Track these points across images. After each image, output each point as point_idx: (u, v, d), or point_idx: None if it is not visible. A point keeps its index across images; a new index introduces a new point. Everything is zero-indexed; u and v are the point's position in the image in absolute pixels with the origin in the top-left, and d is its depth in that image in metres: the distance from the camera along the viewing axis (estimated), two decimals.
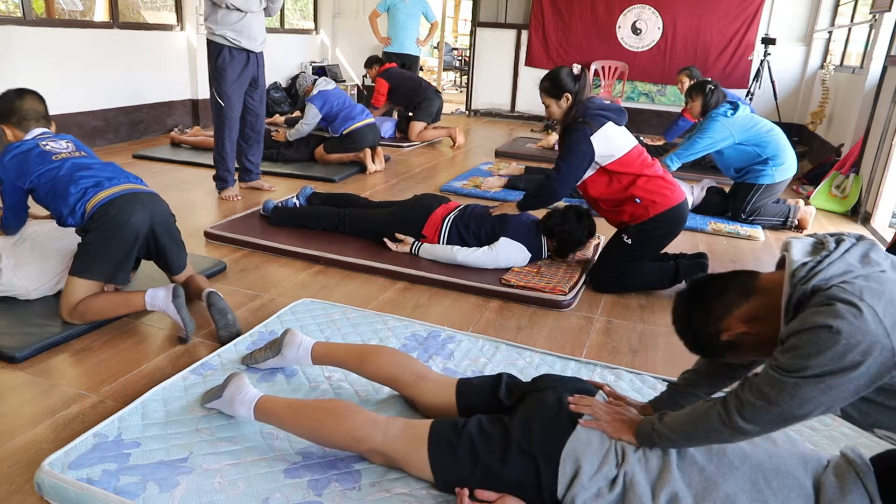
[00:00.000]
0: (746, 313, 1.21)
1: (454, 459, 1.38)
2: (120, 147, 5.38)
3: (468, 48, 9.09)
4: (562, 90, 2.77)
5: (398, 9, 6.75)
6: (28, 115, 2.36)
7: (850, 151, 4.67)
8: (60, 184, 2.19)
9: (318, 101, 4.85)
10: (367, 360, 1.73)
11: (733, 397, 1.16)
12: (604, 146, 2.66)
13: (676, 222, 2.72)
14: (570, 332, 2.42)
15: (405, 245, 3.00)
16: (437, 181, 4.71)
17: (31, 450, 1.58)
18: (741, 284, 1.24)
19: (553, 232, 2.91)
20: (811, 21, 7.00)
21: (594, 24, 7.57)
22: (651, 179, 2.69)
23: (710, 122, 3.80)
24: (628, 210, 2.71)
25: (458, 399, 1.60)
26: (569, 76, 2.77)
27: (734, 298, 1.23)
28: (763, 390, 1.10)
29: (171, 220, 2.36)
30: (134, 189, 2.27)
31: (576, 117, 2.71)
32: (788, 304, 1.13)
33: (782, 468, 1.23)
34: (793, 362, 1.05)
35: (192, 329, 2.16)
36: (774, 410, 1.09)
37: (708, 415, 1.20)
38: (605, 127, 2.66)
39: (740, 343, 1.23)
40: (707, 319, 1.25)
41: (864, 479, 1.17)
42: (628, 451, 1.31)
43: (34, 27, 4.71)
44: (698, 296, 1.30)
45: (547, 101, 2.83)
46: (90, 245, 2.17)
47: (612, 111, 2.74)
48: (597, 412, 1.38)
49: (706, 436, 1.22)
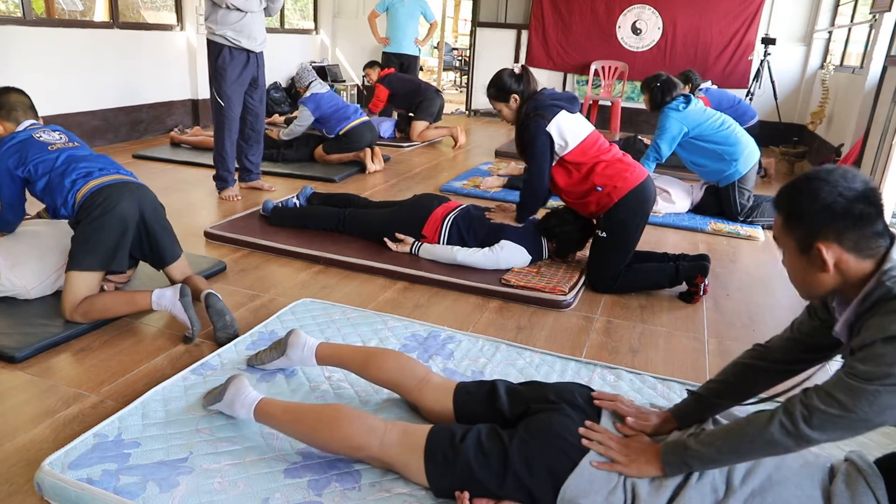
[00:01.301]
0: (841, 261, 1.15)
1: (450, 474, 1.37)
2: (120, 147, 5.37)
3: (468, 48, 9.09)
4: (508, 92, 2.82)
5: (397, 9, 6.75)
6: (16, 106, 2.41)
7: (850, 151, 4.67)
8: (56, 175, 2.24)
9: (311, 104, 4.89)
10: (370, 363, 1.72)
11: (798, 405, 1.13)
12: (559, 135, 2.69)
13: (642, 202, 2.72)
14: (570, 332, 2.42)
15: (405, 245, 3.00)
16: (437, 181, 4.71)
17: (31, 450, 1.58)
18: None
19: (552, 233, 2.91)
20: (811, 21, 7.00)
21: (594, 24, 7.57)
22: (609, 164, 2.70)
23: (664, 118, 3.91)
24: (593, 200, 2.72)
25: (455, 406, 1.59)
26: (511, 77, 2.83)
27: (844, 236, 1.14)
28: (837, 397, 1.09)
29: (161, 210, 2.38)
30: (122, 179, 2.30)
31: (527, 113, 2.75)
32: (869, 295, 1.12)
33: (791, 479, 1.23)
34: (875, 370, 1.05)
35: (198, 329, 2.17)
36: (850, 418, 1.08)
37: (765, 426, 1.16)
38: (557, 117, 2.70)
39: (810, 260, 1.17)
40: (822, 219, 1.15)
41: (875, 488, 1.17)
42: (639, 488, 1.27)
43: (34, 27, 4.71)
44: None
45: (498, 107, 2.90)
46: (81, 236, 2.19)
47: (564, 100, 2.77)
48: (610, 451, 1.32)
49: (762, 448, 1.18)
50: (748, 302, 2.79)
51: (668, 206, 4.05)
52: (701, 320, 2.58)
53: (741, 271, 3.19)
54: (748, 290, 2.94)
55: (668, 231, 3.79)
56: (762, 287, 2.99)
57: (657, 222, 3.87)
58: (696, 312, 2.65)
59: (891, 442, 1.68)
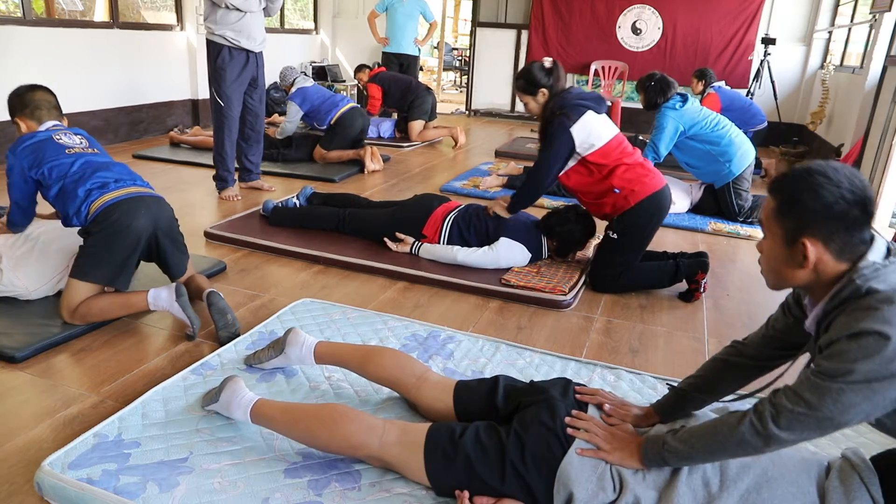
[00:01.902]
0: (821, 261, 1.14)
1: (450, 470, 1.37)
2: (120, 147, 5.38)
3: (468, 48, 9.09)
4: (537, 86, 2.76)
5: (396, 9, 6.75)
6: (40, 104, 2.36)
7: (850, 151, 4.67)
8: (70, 182, 2.19)
9: (298, 98, 4.94)
10: (369, 361, 1.72)
11: (767, 405, 1.13)
12: (584, 135, 2.66)
13: (658, 209, 2.72)
14: (570, 332, 2.42)
15: (405, 245, 3.00)
16: (437, 181, 4.71)
17: (31, 450, 1.58)
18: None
19: (553, 232, 2.91)
20: (811, 21, 7.00)
21: (594, 24, 7.57)
22: (630, 168, 2.70)
23: (660, 118, 3.91)
24: (609, 201, 2.72)
25: (455, 403, 1.60)
26: (541, 71, 2.76)
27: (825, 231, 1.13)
28: (803, 396, 1.08)
29: (175, 226, 2.36)
30: (139, 193, 2.25)
31: (553, 110, 2.71)
32: (839, 293, 1.12)
33: (786, 476, 1.23)
34: (838, 367, 1.05)
35: (198, 326, 2.17)
36: (815, 416, 1.07)
37: (735, 426, 1.16)
38: (584, 117, 2.66)
39: (791, 252, 1.16)
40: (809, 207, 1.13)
41: (869, 483, 1.17)
42: (625, 473, 1.29)
43: (34, 27, 4.71)
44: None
45: (525, 99, 2.84)
46: (91, 248, 2.16)
47: (591, 100, 2.73)
48: (595, 438, 1.35)
49: (733, 448, 1.18)
50: (748, 302, 2.79)
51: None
52: (701, 320, 2.58)
53: (741, 271, 3.19)
54: (748, 290, 2.94)
55: (668, 231, 3.79)
56: (762, 287, 2.97)
57: None
58: (696, 312, 2.65)
59: (891, 442, 1.68)
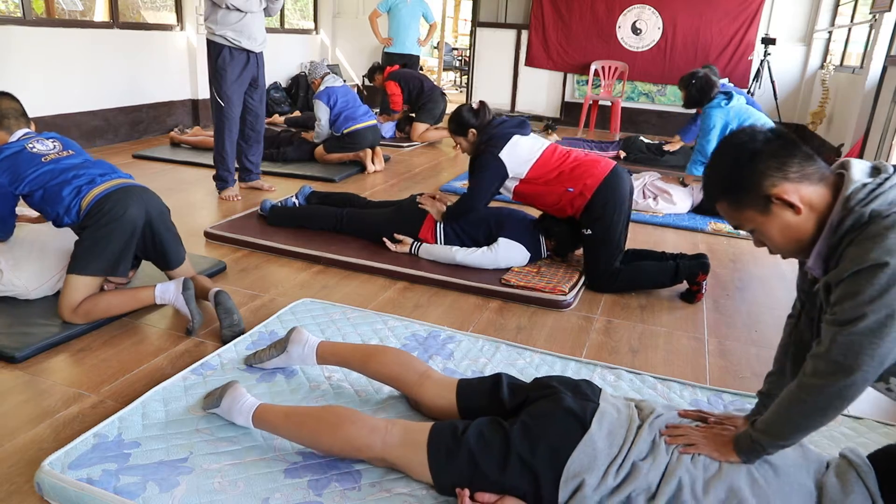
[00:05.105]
0: (804, 196, 1.14)
1: (453, 465, 1.37)
2: (120, 147, 5.37)
3: (468, 48, 9.09)
4: (466, 126, 2.96)
5: (400, 9, 6.75)
6: (7, 113, 2.32)
7: (850, 151, 4.68)
8: (53, 187, 2.18)
9: (324, 97, 4.90)
10: (372, 359, 1.73)
11: (810, 360, 1.12)
12: (514, 158, 2.81)
13: (614, 190, 2.74)
14: (570, 332, 2.42)
15: (404, 245, 3.00)
16: (438, 181, 4.71)
17: (31, 450, 1.58)
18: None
19: (550, 232, 2.91)
20: (811, 21, 7.00)
21: (594, 24, 7.57)
22: (574, 167, 2.78)
23: (706, 119, 3.91)
24: (566, 202, 2.78)
25: (458, 400, 1.60)
26: (469, 112, 2.97)
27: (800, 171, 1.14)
28: (832, 347, 1.08)
29: (166, 213, 2.37)
30: (127, 184, 2.27)
31: (481, 143, 2.90)
32: (840, 224, 1.10)
33: (786, 468, 1.24)
34: (853, 308, 1.04)
35: (199, 322, 2.17)
36: (870, 342, 1.05)
37: (799, 381, 1.14)
38: (510, 142, 2.82)
39: (780, 214, 1.16)
40: (769, 166, 1.14)
41: (866, 478, 1.18)
42: (638, 463, 1.29)
43: (34, 27, 4.71)
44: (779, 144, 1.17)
45: (456, 140, 3.05)
46: (88, 241, 2.17)
47: (513, 126, 2.91)
48: (692, 438, 1.32)
49: (818, 412, 1.14)
50: (748, 302, 2.79)
51: (668, 207, 4.05)
52: (701, 320, 2.58)
53: (741, 271, 3.19)
54: (748, 290, 2.94)
55: (668, 231, 3.79)
56: (762, 287, 2.99)
57: (657, 222, 3.87)
58: (696, 312, 2.65)
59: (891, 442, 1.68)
